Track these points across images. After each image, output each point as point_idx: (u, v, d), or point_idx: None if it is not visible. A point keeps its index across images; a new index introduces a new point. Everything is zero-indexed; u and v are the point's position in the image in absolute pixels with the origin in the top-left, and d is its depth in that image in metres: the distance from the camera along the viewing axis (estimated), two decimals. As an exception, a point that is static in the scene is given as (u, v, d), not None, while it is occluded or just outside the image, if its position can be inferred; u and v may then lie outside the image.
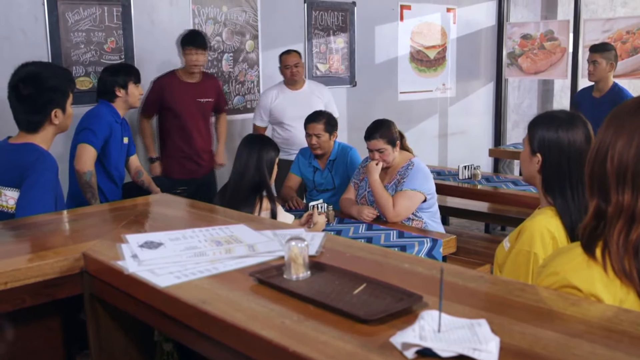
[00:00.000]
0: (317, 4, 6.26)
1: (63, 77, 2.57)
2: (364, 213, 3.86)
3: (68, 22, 4.64)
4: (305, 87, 5.22)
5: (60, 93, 2.53)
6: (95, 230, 2.19)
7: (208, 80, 4.96)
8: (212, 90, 4.93)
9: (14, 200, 2.45)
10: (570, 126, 2.09)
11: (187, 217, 2.46)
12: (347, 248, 1.88)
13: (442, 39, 7.57)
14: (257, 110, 5.22)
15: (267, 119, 5.15)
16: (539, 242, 2.02)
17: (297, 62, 5.08)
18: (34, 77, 2.49)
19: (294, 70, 5.06)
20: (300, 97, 5.08)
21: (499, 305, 1.40)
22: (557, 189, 2.09)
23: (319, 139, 4.31)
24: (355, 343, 1.23)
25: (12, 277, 1.79)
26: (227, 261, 1.71)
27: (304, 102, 4.93)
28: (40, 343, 2.14)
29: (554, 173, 2.10)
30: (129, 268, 1.69)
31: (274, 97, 5.10)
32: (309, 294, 1.44)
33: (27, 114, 2.50)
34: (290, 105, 5.02)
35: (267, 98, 5.14)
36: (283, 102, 5.06)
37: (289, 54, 5.13)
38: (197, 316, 1.45)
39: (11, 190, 2.45)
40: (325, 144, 4.34)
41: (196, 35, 4.74)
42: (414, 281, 1.56)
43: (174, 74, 4.78)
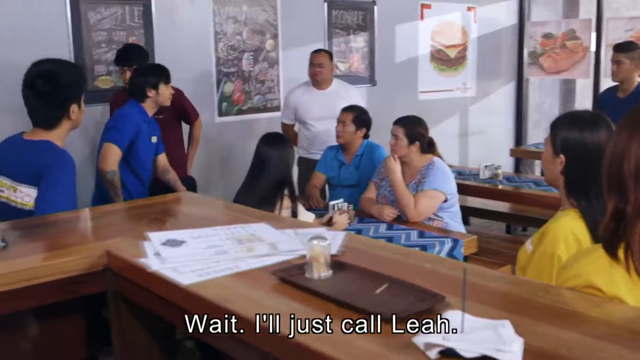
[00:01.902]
0: (337, 3, 6.25)
1: (78, 73, 2.62)
2: (385, 212, 3.85)
3: (90, 22, 4.68)
4: (332, 87, 5.15)
5: (76, 88, 2.57)
6: (119, 228, 2.22)
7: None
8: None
9: (29, 197, 2.46)
10: (595, 127, 2.07)
11: (209, 216, 2.46)
12: (368, 247, 1.88)
13: (463, 38, 7.53)
14: (285, 108, 5.23)
15: (293, 117, 5.16)
16: (562, 244, 2.00)
17: (322, 62, 5.02)
18: (51, 73, 2.52)
19: (317, 70, 5.00)
20: (325, 97, 5.04)
21: (522, 306, 1.40)
22: (580, 190, 2.07)
23: (344, 127, 4.30)
24: (377, 343, 1.23)
25: (37, 274, 1.82)
26: (249, 260, 1.72)
27: (328, 103, 4.91)
28: (63, 339, 2.16)
29: (577, 175, 2.07)
30: (152, 266, 1.71)
31: (299, 96, 5.09)
32: (330, 293, 1.44)
33: (46, 110, 2.52)
34: (314, 105, 5.01)
35: (293, 97, 5.14)
36: (308, 101, 5.05)
37: (317, 53, 5.07)
38: (219, 314, 1.45)
39: (27, 187, 2.47)
40: (348, 135, 4.33)
41: (122, 52, 4.42)
42: (436, 281, 1.55)
43: (122, 90, 4.46)
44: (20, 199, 2.46)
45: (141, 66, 4.24)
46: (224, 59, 5.46)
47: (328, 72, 5.05)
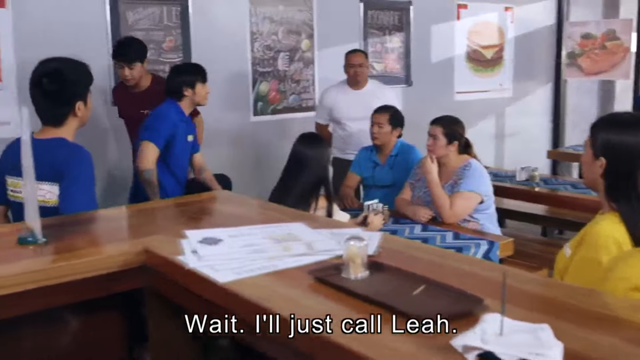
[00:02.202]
0: (373, 3, 6.24)
1: (84, 71, 2.63)
2: (420, 213, 3.84)
3: (128, 22, 4.74)
4: (368, 87, 5.16)
5: (82, 86, 2.59)
6: (156, 226, 2.24)
7: (155, 89, 4.26)
8: (157, 102, 4.03)
9: (51, 194, 2.49)
10: (636, 129, 2.03)
11: (245, 215, 2.47)
12: (405, 248, 1.87)
13: (500, 38, 7.46)
14: (319, 109, 5.24)
15: (328, 117, 5.16)
16: (603, 249, 1.96)
17: (362, 63, 5.04)
18: (57, 72, 2.54)
19: (358, 70, 5.01)
20: (361, 98, 5.03)
21: (561, 310, 1.38)
22: (621, 193, 2.03)
23: (380, 129, 4.29)
24: (415, 344, 1.22)
25: (77, 270, 1.84)
26: (286, 259, 1.72)
27: (363, 103, 4.90)
28: (101, 335, 2.19)
29: (618, 177, 2.03)
30: (190, 263, 1.72)
31: (335, 96, 5.09)
32: (368, 293, 1.44)
33: (52, 107, 2.54)
34: (350, 105, 5.00)
35: (328, 97, 5.14)
36: (343, 102, 5.05)
37: (354, 53, 5.08)
38: (256, 313, 1.46)
39: (48, 184, 2.49)
40: (385, 136, 4.32)
41: (121, 47, 4.23)
42: (474, 283, 1.54)
43: (122, 82, 4.38)
44: (41, 197, 2.46)
45: (178, 65, 4.30)
46: (260, 58, 5.49)
47: (366, 72, 5.10)
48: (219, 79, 5.04)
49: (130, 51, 4.17)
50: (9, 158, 2.60)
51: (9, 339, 1.98)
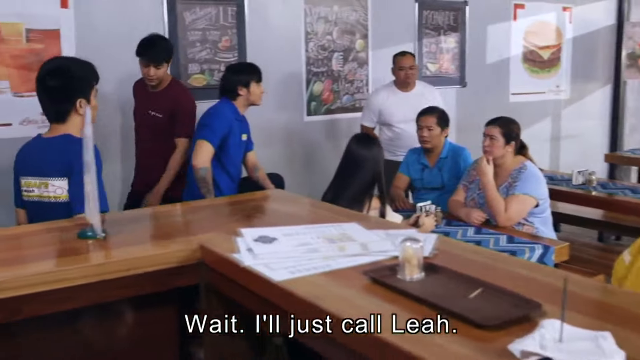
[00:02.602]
0: (428, 3, 6.19)
1: (88, 69, 2.63)
2: (473, 216, 3.79)
3: (185, 22, 4.81)
4: (416, 89, 5.15)
5: (85, 83, 2.58)
6: (212, 223, 2.27)
7: (170, 92, 4.14)
8: (166, 105, 4.07)
9: (61, 190, 2.51)
10: None
11: (299, 214, 2.49)
12: (460, 250, 1.85)
13: (557, 38, 7.32)
14: (366, 111, 5.21)
15: (376, 120, 5.14)
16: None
17: (412, 65, 5.04)
18: (59, 69, 2.57)
19: (409, 72, 5.01)
20: (411, 99, 5.02)
21: (624, 318, 1.35)
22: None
23: (430, 132, 4.26)
24: (471, 348, 1.21)
25: (135, 264, 1.88)
26: (340, 259, 1.73)
27: (413, 104, 4.87)
28: (156, 330, 2.23)
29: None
30: (245, 261, 1.74)
31: (384, 98, 5.08)
32: (423, 295, 1.43)
33: (54, 103, 2.56)
34: (400, 107, 4.98)
35: (377, 99, 5.13)
36: (393, 104, 5.03)
37: (404, 55, 5.07)
38: (311, 311, 1.46)
39: (59, 180, 2.50)
40: (436, 139, 4.29)
41: (149, 46, 4.01)
42: (531, 288, 1.52)
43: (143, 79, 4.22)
44: (52, 193, 2.50)
45: (233, 64, 4.34)
46: (314, 58, 5.50)
47: (416, 74, 5.11)
48: (273, 78, 5.07)
49: (159, 50, 4.02)
50: (22, 159, 2.63)
51: (66, 331, 2.03)
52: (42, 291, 1.75)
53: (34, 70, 4.12)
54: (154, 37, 4.07)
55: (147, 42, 4.02)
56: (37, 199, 2.54)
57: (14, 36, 4.15)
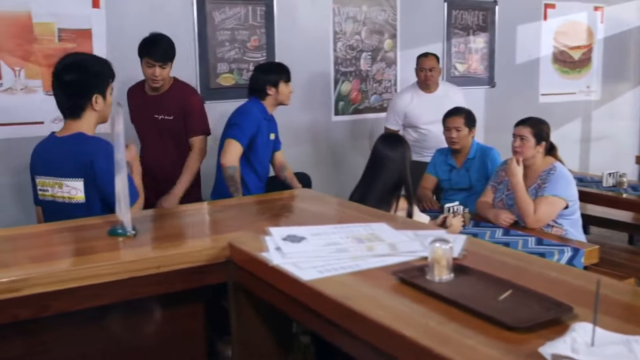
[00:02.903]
0: (457, 3, 6.16)
1: (104, 66, 2.62)
2: (501, 217, 3.76)
3: (215, 21, 4.83)
4: (440, 90, 5.13)
5: (102, 79, 2.58)
6: (240, 222, 2.28)
7: (175, 93, 3.93)
8: (175, 105, 3.90)
9: (76, 190, 2.50)
10: None
11: (327, 213, 2.49)
12: (489, 252, 1.84)
13: (588, 39, 7.23)
14: (391, 114, 5.18)
15: (401, 122, 5.12)
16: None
17: (433, 66, 5.00)
18: (76, 64, 2.56)
19: (429, 74, 4.98)
20: (435, 100, 5.00)
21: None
22: None
23: (459, 133, 4.24)
24: (501, 350, 1.20)
25: (165, 262, 1.90)
26: (369, 259, 1.72)
27: (438, 106, 4.85)
28: (184, 327, 2.24)
29: None
30: (274, 260, 1.74)
31: (408, 101, 5.06)
32: (452, 296, 1.42)
33: (70, 99, 2.55)
34: (425, 109, 4.96)
35: (401, 101, 5.11)
36: (418, 106, 5.01)
37: (426, 57, 5.05)
38: (339, 311, 1.47)
39: (72, 181, 2.50)
40: (464, 139, 4.27)
41: (155, 45, 3.78)
42: (562, 290, 1.50)
43: (141, 83, 4.00)
44: (66, 193, 2.50)
45: (262, 64, 4.34)
46: (342, 58, 5.50)
47: (438, 76, 5.06)
48: (302, 78, 5.08)
49: (165, 49, 3.79)
50: (37, 158, 2.63)
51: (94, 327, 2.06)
52: (71, 287, 1.78)
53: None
54: (158, 36, 3.83)
55: (152, 41, 3.81)
56: (50, 198, 2.55)
57: (47, 36, 4.21)
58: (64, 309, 1.81)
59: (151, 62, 3.74)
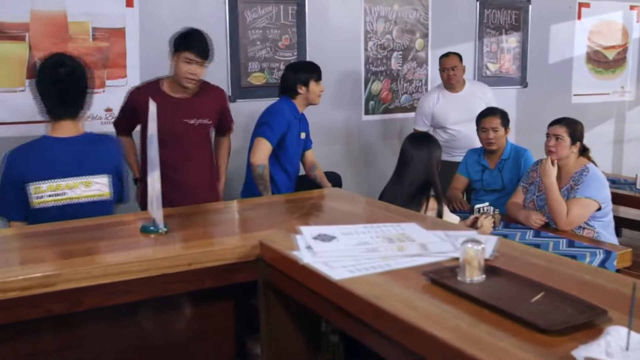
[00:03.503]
0: (489, 2, 6.11)
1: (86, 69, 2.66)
2: (532, 219, 3.73)
3: (246, 20, 4.85)
4: (466, 89, 5.09)
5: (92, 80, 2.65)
6: (270, 221, 2.28)
7: (208, 94, 3.62)
8: (212, 107, 3.64)
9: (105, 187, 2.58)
10: None
11: (357, 213, 2.49)
12: (521, 254, 1.82)
13: (623, 38, 7.13)
14: (418, 115, 5.16)
15: (429, 123, 5.10)
16: None
17: (455, 65, 4.96)
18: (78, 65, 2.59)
19: (451, 73, 4.95)
20: (462, 100, 4.99)
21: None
22: None
23: (496, 133, 4.20)
24: (534, 353, 1.19)
25: (196, 259, 1.92)
26: (399, 259, 1.72)
27: (465, 105, 4.85)
28: (214, 324, 2.27)
29: None
30: (304, 259, 1.75)
31: (435, 101, 5.04)
32: (484, 297, 1.41)
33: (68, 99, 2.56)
34: (452, 109, 4.94)
35: (428, 102, 5.09)
36: (445, 106, 4.98)
37: (447, 56, 5.02)
38: (370, 311, 1.46)
39: (100, 177, 2.56)
40: (501, 140, 4.24)
41: (198, 39, 3.43)
42: (595, 294, 1.48)
43: (157, 85, 3.54)
44: (98, 190, 2.56)
45: (293, 63, 4.34)
46: (373, 57, 5.49)
47: (461, 75, 5.01)
48: (332, 77, 5.09)
49: (208, 45, 3.47)
50: (30, 164, 2.53)
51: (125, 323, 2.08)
52: (103, 283, 1.80)
53: (99, 68, 4.27)
54: (198, 30, 3.50)
55: (193, 34, 3.45)
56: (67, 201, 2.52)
57: (81, 35, 4.26)
58: (97, 304, 1.83)
59: (191, 58, 3.39)
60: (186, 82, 3.44)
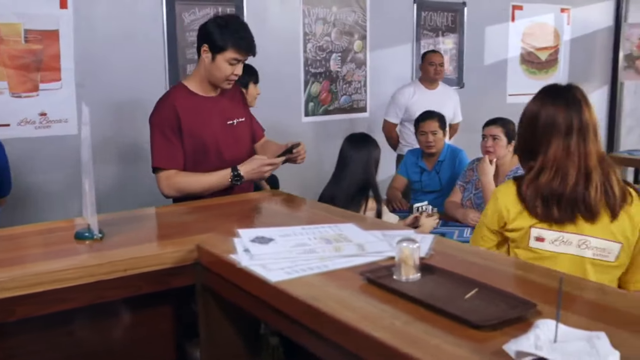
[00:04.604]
0: (426, 4, 6.20)
1: None
2: (470, 217, 3.80)
3: (184, 22, 4.80)
4: (440, 88, 5.33)
5: None
6: (208, 224, 2.26)
7: (235, 88, 3.13)
8: (243, 103, 3.21)
9: None
10: None
11: (296, 214, 2.49)
12: (457, 251, 1.85)
13: (555, 40, 7.33)
14: (392, 107, 5.28)
15: (401, 115, 5.19)
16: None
17: (442, 62, 5.24)
18: None
19: (439, 69, 5.19)
20: (436, 97, 5.17)
21: (619, 319, 1.35)
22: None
23: (435, 136, 4.28)
24: (467, 348, 1.21)
25: (132, 265, 1.88)
26: (337, 259, 1.73)
27: (438, 102, 5.00)
28: (152, 330, 2.23)
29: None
30: (242, 262, 1.74)
31: (411, 95, 5.19)
32: (419, 296, 1.43)
33: None
34: (427, 104, 5.00)
35: (404, 95, 5.22)
36: (420, 101, 5.10)
37: (435, 52, 5.29)
38: (307, 312, 1.47)
39: None
40: (440, 142, 4.31)
41: (246, 32, 2.98)
42: (527, 288, 1.52)
43: (180, 88, 2.98)
44: None
45: None
46: (312, 59, 5.51)
47: (443, 72, 5.31)
48: (272, 79, 5.06)
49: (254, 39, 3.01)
50: None
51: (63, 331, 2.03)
52: (36, 292, 1.75)
53: (32, 71, 4.17)
54: (241, 20, 3.04)
55: (240, 28, 2.94)
56: None
57: (13, 37, 4.15)
58: (30, 313, 1.78)
59: (239, 58, 2.90)
60: (225, 84, 2.94)
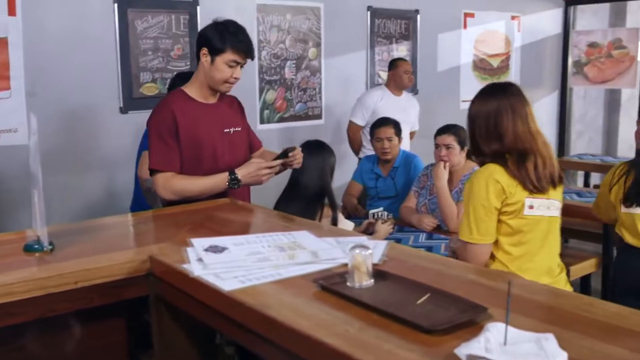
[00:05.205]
0: (380, 12, 6.25)
1: None
2: (424, 222, 3.83)
3: (137, 30, 4.75)
4: (404, 96, 5.42)
5: None
6: (161, 234, 2.24)
7: (230, 96, 3.20)
8: (239, 111, 3.26)
9: None
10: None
11: (250, 223, 2.48)
12: (410, 257, 1.87)
13: (506, 47, 7.46)
14: (358, 109, 5.30)
15: (367, 117, 5.22)
16: None
17: (412, 70, 5.39)
18: None
19: (411, 76, 5.33)
20: (401, 103, 5.27)
21: (566, 320, 1.38)
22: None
23: (391, 143, 4.32)
24: (419, 353, 1.22)
25: (83, 277, 1.85)
26: (291, 267, 1.73)
27: (402, 109, 5.12)
28: (106, 342, 2.19)
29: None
30: (194, 271, 1.73)
31: (379, 99, 5.24)
32: (372, 302, 1.44)
33: None
34: (393, 110, 5.05)
35: (372, 98, 5.27)
36: (387, 106, 5.16)
37: (406, 61, 5.42)
38: (261, 321, 1.46)
39: None
40: (395, 149, 4.35)
41: (244, 34, 2.99)
42: (478, 292, 1.54)
43: (179, 94, 3.05)
44: None
45: (183, 72, 4.24)
46: (267, 66, 5.50)
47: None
48: (226, 87, 5.04)
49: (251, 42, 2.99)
50: None
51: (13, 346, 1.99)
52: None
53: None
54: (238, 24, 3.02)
55: (238, 30, 2.94)
56: None
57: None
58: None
59: (239, 60, 2.89)
60: (224, 88, 2.96)
